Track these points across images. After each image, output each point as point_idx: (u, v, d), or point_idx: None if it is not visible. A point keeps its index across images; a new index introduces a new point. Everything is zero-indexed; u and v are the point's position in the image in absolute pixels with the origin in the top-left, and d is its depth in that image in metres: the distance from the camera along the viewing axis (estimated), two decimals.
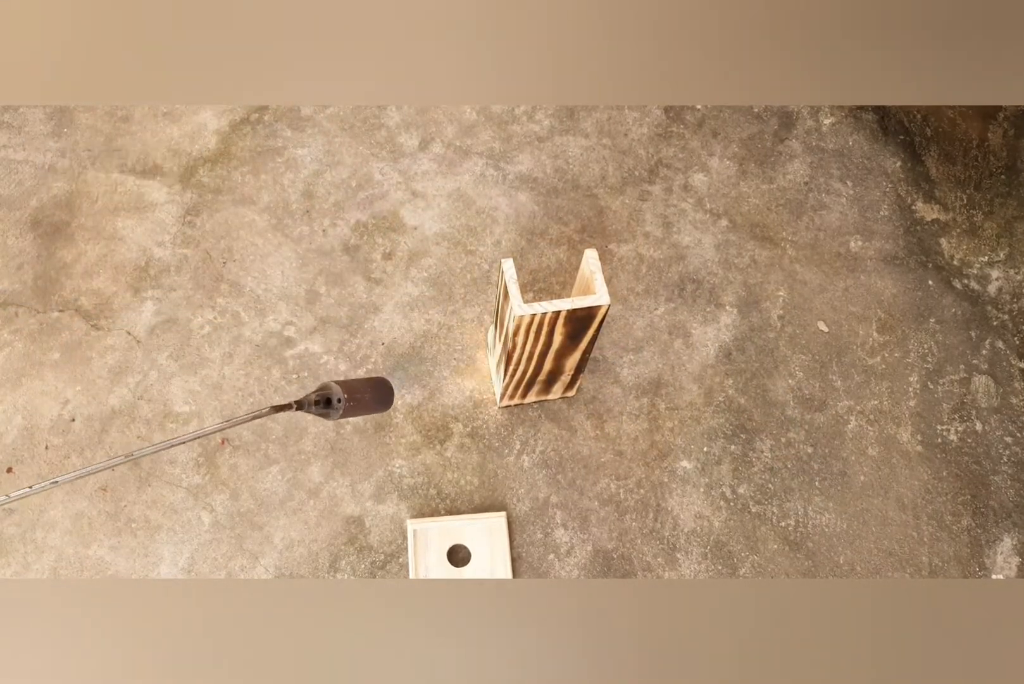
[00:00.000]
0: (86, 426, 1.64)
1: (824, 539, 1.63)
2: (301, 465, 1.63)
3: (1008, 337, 1.85)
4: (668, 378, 1.75)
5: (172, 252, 1.83)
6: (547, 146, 2.01)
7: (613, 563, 1.58)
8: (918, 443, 1.72)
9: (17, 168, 1.91)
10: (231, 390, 1.69)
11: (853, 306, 1.86)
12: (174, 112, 2.00)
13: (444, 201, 1.92)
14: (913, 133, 2.09)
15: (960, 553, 1.63)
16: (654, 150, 2.02)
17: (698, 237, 1.92)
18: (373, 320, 1.78)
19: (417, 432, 1.67)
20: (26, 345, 1.72)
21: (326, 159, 1.96)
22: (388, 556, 1.56)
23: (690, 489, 1.65)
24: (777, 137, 2.07)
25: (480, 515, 1.57)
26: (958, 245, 1.95)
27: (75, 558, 1.54)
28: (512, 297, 1.25)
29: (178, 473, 1.61)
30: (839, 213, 1.97)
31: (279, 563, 1.55)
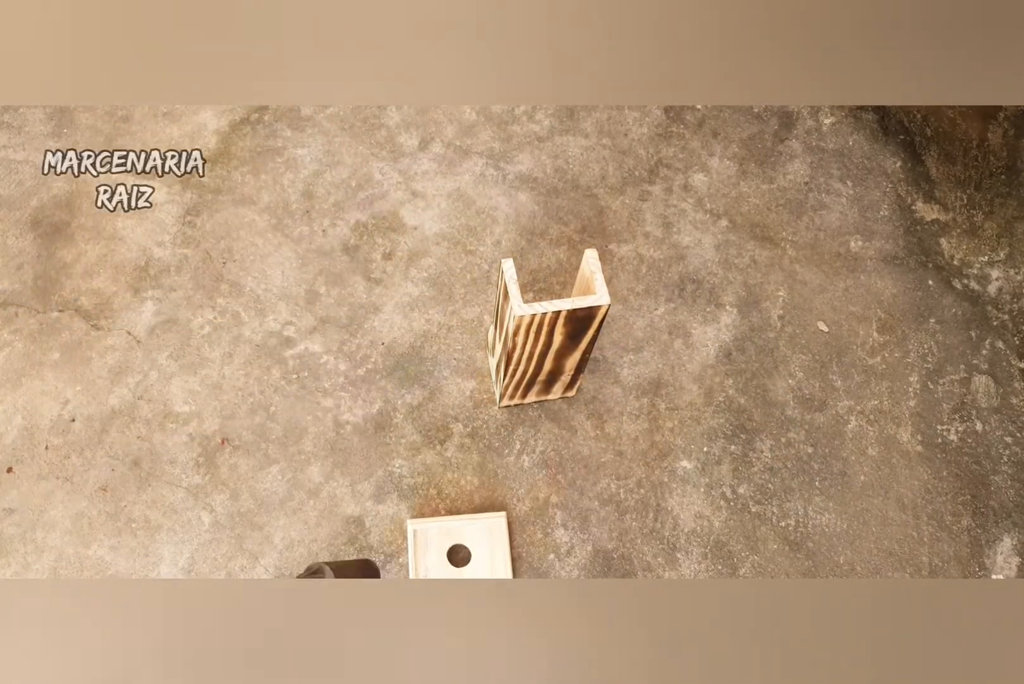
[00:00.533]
0: (86, 426, 1.64)
1: (824, 539, 1.63)
2: (301, 465, 1.63)
3: (1008, 337, 1.85)
4: (668, 378, 1.75)
5: (172, 252, 1.83)
6: (547, 146, 2.01)
7: (613, 563, 1.58)
8: (918, 443, 1.72)
9: (17, 168, 1.91)
10: (231, 390, 1.69)
11: (853, 306, 1.86)
12: (174, 112, 2.00)
13: (444, 201, 1.92)
14: (913, 133, 2.09)
15: (960, 553, 1.63)
16: (654, 150, 2.02)
17: (698, 237, 1.92)
18: (373, 320, 1.78)
19: (417, 432, 1.67)
20: (26, 345, 1.72)
21: (326, 159, 1.96)
22: (388, 556, 1.56)
23: (690, 489, 1.65)
24: (777, 137, 2.07)
25: (480, 515, 1.57)
26: (958, 245, 1.95)
27: (75, 558, 1.54)
28: (512, 297, 1.25)
29: (178, 473, 1.61)
30: (839, 213, 1.97)
31: (279, 563, 1.55)
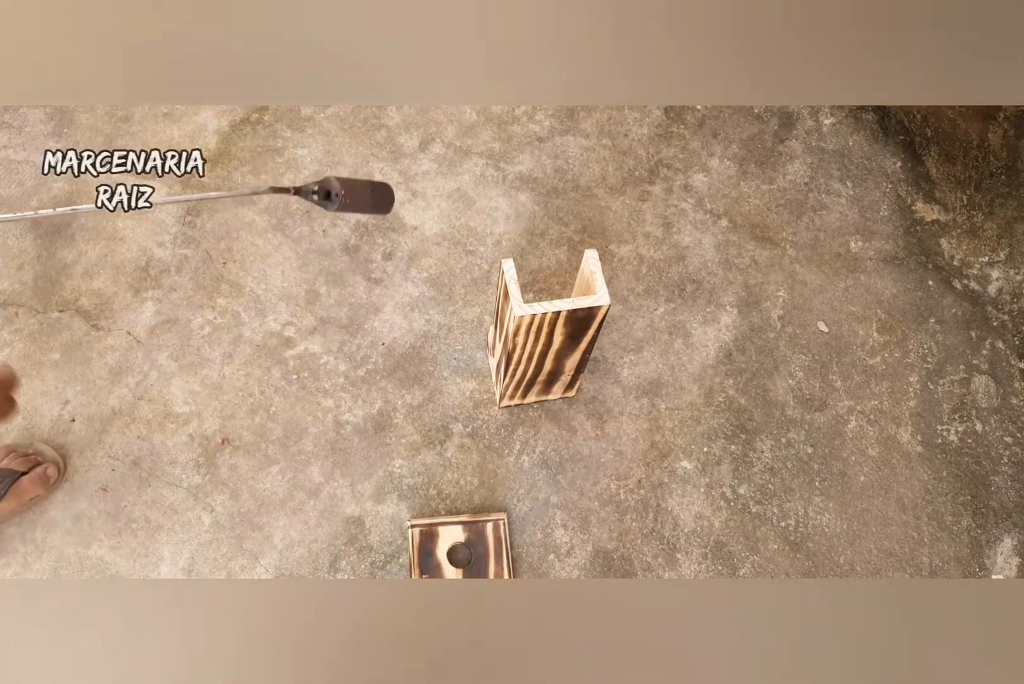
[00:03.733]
0: (86, 426, 1.64)
1: (824, 539, 1.63)
2: (301, 465, 1.63)
3: (1008, 337, 1.85)
4: (668, 378, 1.75)
5: (172, 252, 1.83)
6: (547, 146, 2.01)
7: (613, 563, 1.58)
8: (918, 443, 1.72)
9: (17, 168, 1.91)
10: (231, 390, 1.69)
11: (853, 306, 1.86)
12: (174, 112, 2.00)
13: (444, 201, 1.92)
14: (913, 133, 2.09)
15: (960, 553, 1.63)
16: (654, 150, 2.02)
17: (698, 237, 1.92)
18: (373, 320, 1.78)
19: (417, 432, 1.67)
20: (26, 345, 1.72)
21: (326, 159, 1.96)
22: (388, 556, 1.56)
23: (690, 489, 1.65)
24: (777, 137, 2.07)
25: (480, 515, 1.57)
26: (958, 245, 1.95)
27: (75, 558, 1.54)
28: (512, 297, 1.25)
29: (178, 473, 1.61)
30: (839, 213, 1.97)
31: (279, 563, 1.55)
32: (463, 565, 1.54)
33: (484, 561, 1.54)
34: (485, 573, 1.53)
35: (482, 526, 1.56)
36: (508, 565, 1.54)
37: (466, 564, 1.54)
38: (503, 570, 1.53)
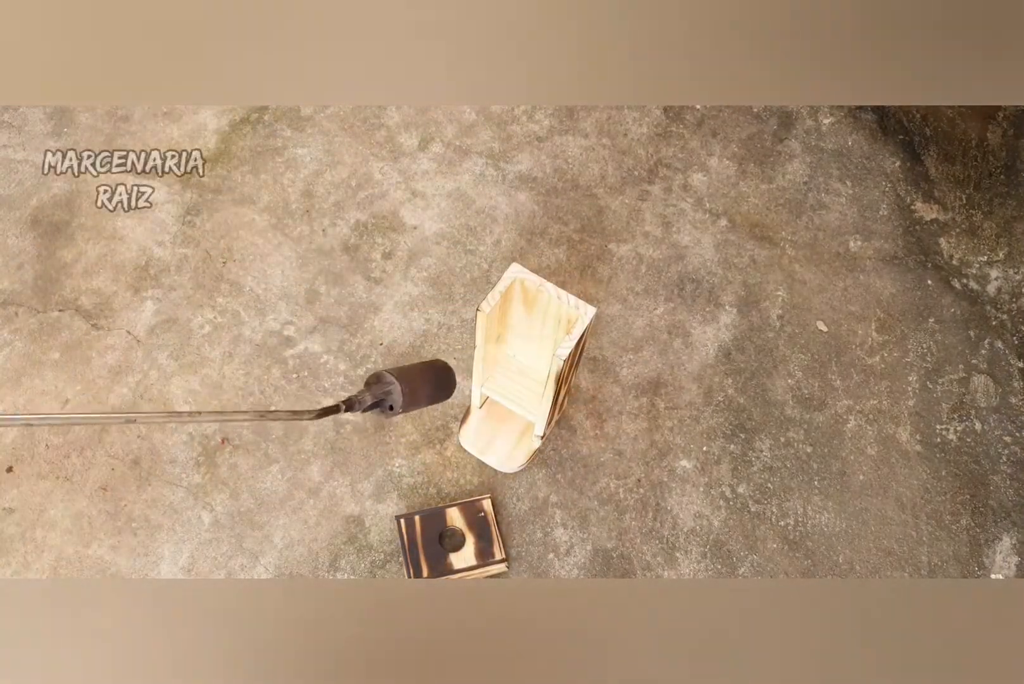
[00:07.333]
0: (86, 426, 1.64)
1: (823, 538, 1.63)
2: (301, 464, 1.63)
3: (1007, 337, 1.85)
4: (667, 378, 1.76)
5: (172, 252, 1.83)
6: (547, 146, 2.01)
7: (613, 562, 1.58)
8: (917, 442, 1.73)
9: (17, 168, 1.91)
10: (231, 389, 1.69)
11: (852, 306, 1.86)
12: (174, 112, 2.00)
13: (444, 201, 1.92)
14: (912, 133, 2.09)
15: (959, 552, 1.63)
16: (654, 150, 2.02)
17: (697, 237, 1.92)
18: (373, 320, 1.78)
19: (417, 431, 1.67)
20: (26, 345, 1.72)
21: (326, 159, 1.96)
22: (388, 555, 1.56)
23: (689, 488, 1.65)
24: (776, 137, 2.07)
25: (465, 499, 1.58)
26: (957, 245, 1.95)
27: (75, 558, 1.54)
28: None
29: (178, 472, 1.61)
30: (838, 213, 1.97)
31: (279, 563, 1.55)
32: (456, 551, 1.54)
33: (477, 542, 1.54)
34: (479, 553, 1.53)
35: (468, 508, 1.57)
36: (499, 542, 1.54)
37: (459, 547, 1.54)
38: (495, 548, 1.53)
